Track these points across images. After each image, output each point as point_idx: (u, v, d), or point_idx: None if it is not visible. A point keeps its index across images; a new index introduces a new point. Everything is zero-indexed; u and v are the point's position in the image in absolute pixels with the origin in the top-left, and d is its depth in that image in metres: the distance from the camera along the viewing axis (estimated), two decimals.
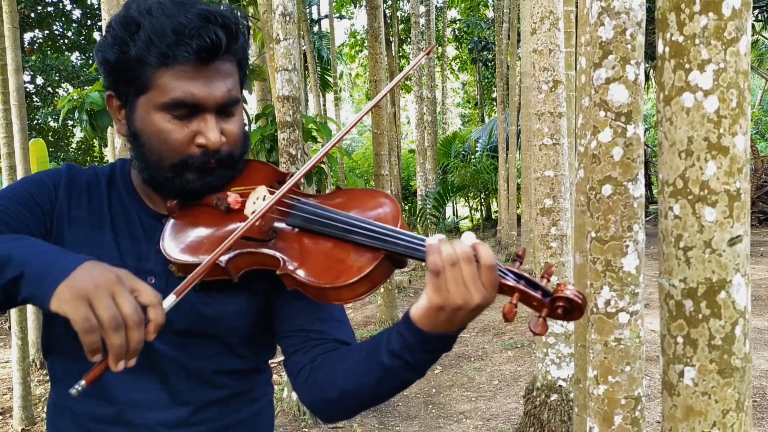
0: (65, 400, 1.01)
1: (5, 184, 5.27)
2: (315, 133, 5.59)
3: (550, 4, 3.61)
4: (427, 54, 1.11)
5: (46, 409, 1.13)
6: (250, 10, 6.46)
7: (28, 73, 13.48)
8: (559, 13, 3.64)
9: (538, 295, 0.82)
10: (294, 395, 4.69)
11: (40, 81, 14.30)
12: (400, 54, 20.49)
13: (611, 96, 1.53)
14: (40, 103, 14.36)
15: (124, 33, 0.93)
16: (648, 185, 16.77)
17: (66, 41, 15.26)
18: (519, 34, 10.61)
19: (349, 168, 17.49)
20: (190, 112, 0.94)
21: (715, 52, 0.93)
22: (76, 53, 15.28)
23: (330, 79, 16.29)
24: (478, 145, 16.32)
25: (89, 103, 4.55)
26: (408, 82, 19.08)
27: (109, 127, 5.18)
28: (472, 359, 5.93)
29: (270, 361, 1.14)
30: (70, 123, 11.76)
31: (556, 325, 3.80)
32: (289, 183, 0.95)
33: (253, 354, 1.07)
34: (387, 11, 17.73)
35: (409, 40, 19.61)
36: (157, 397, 0.98)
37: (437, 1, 18.91)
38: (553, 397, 3.75)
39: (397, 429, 4.44)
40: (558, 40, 3.64)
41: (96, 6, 14.61)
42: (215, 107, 0.95)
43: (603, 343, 1.67)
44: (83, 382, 0.75)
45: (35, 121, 14.15)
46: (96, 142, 15.25)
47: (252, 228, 0.92)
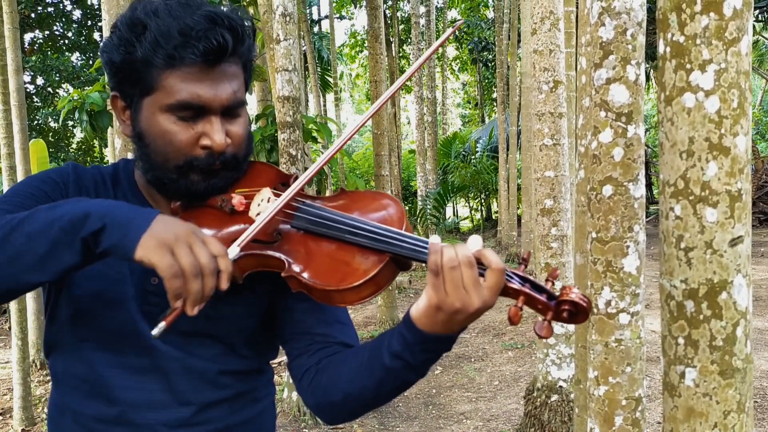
0: (67, 400, 1.01)
1: (5, 184, 5.27)
2: (315, 134, 5.60)
3: (550, 4, 3.61)
4: (456, 30, 1.12)
5: (46, 410, 1.13)
6: (251, 10, 6.45)
7: (28, 73, 13.49)
8: (559, 14, 3.64)
9: (543, 298, 0.81)
10: (294, 395, 4.69)
11: (40, 81, 14.32)
12: (401, 54, 20.49)
13: (612, 96, 1.53)
14: (40, 104, 14.36)
15: (130, 34, 0.92)
16: (648, 186, 16.77)
17: (66, 42, 15.27)
18: (519, 35, 10.60)
19: (349, 168, 17.46)
20: (195, 114, 0.94)
21: (716, 53, 0.93)
22: (77, 54, 15.29)
23: (330, 79, 16.29)
24: (478, 145, 16.31)
25: (89, 103, 4.56)
26: (408, 83, 19.09)
27: (110, 127, 5.18)
28: (473, 360, 5.93)
29: (270, 361, 1.14)
30: (71, 123, 11.78)
31: (557, 326, 3.80)
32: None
33: (256, 355, 1.07)
34: (387, 11, 17.72)
35: (409, 40, 19.60)
36: (160, 398, 0.98)
37: (437, 2, 18.89)
38: (554, 397, 3.75)
39: (398, 430, 4.44)
40: (558, 40, 3.64)
41: (96, 6, 14.62)
42: (221, 109, 0.95)
43: (604, 344, 1.67)
44: (163, 324, 0.80)
45: (35, 122, 14.16)
46: (96, 143, 15.26)
47: (257, 230, 0.92)
